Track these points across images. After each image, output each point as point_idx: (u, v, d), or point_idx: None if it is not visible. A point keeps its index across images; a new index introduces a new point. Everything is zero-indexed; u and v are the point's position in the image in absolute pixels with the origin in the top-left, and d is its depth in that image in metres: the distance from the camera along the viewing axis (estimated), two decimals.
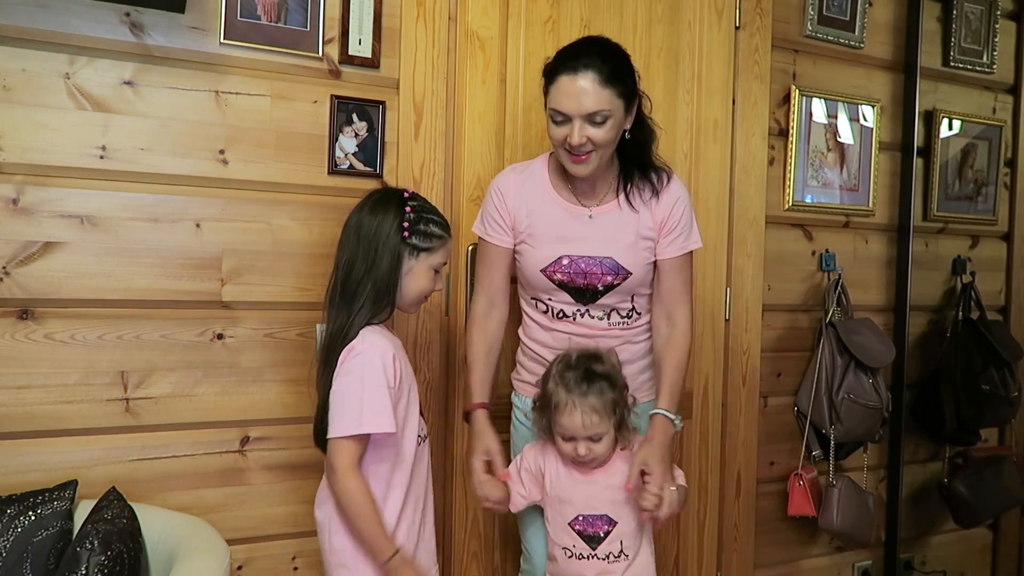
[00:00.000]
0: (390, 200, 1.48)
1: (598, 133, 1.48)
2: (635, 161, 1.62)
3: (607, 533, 1.55)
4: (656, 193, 1.61)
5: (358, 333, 1.41)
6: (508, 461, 1.66)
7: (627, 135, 1.57)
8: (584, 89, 1.46)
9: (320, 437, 1.45)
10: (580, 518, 1.55)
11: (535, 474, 1.60)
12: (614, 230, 1.59)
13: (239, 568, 1.73)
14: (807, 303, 2.39)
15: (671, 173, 1.65)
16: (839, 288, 2.35)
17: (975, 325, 2.52)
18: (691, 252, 1.65)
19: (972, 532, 2.69)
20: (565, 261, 1.59)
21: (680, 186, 1.65)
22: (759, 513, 2.32)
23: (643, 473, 1.50)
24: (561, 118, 1.49)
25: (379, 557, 1.38)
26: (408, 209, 1.46)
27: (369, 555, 1.40)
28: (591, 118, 1.47)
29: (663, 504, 1.48)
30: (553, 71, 1.51)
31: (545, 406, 1.54)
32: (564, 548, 1.57)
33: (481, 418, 1.62)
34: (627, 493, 1.53)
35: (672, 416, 1.56)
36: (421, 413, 1.52)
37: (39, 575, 1.37)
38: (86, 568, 1.24)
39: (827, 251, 2.40)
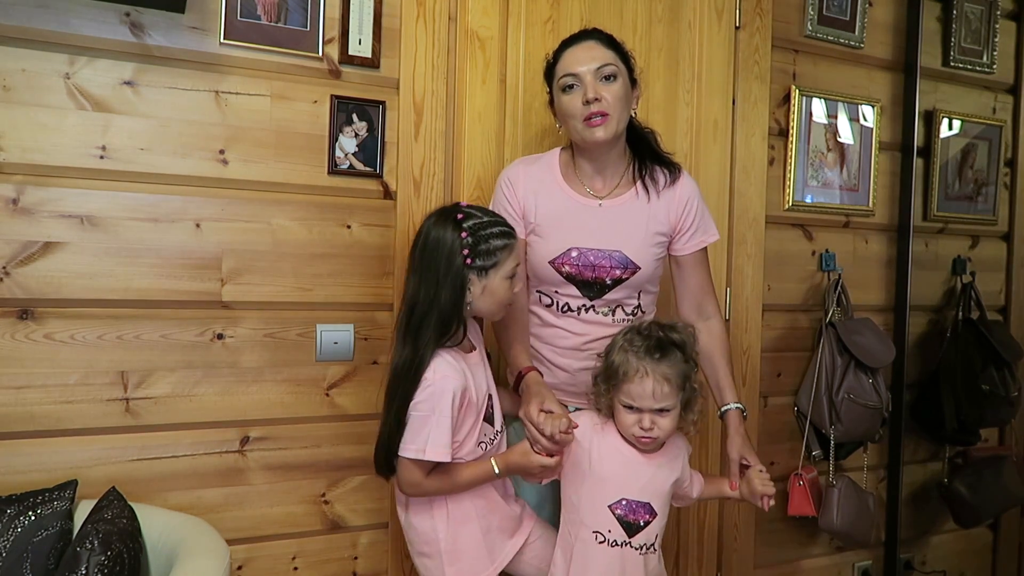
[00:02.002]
0: (446, 224, 1.44)
1: (609, 91, 1.52)
2: (646, 151, 1.65)
3: (646, 523, 1.50)
4: (669, 182, 1.64)
5: (428, 364, 1.42)
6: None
7: (635, 113, 1.61)
8: (590, 48, 1.55)
9: (381, 463, 1.49)
10: (623, 501, 1.49)
11: (578, 442, 1.50)
12: (624, 222, 1.60)
13: (239, 568, 1.73)
14: (807, 303, 2.39)
15: (680, 167, 1.67)
16: (839, 288, 2.35)
17: (975, 325, 2.52)
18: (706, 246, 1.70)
19: (972, 532, 2.69)
20: (574, 253, 1.59)
21: (691, 181, 1.68)
22: (759, 513, 2.32)
23: (743, 467, 1.60)
24: (572, 81, 1.54)
25: (491, 478, 1.49)
26: (464, 234, 1.42)
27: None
28: (601, 72, 1.53)
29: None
30: (556, 53, 1.60)
31: (610, 376, 1.47)
32: (596, 532, 1.48)
33: (536, 377, 1.57)
34: (671, 488, 1.54)
35: (742, 407, 1.66)
36: (489, 420, 1.53)
37: (39, 575, 1.37)
38: (86, 568, 1.24)
39: (827, 251, 2.40)
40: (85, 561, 1.25)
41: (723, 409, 1.66)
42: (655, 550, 1.53)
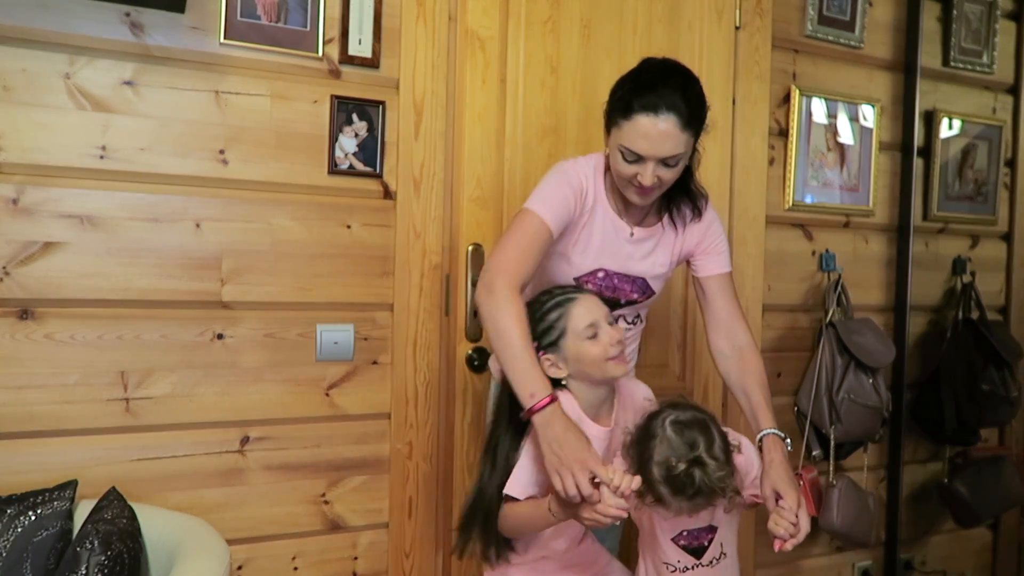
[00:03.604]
0: None
1: (668, 174, 1.44)
2: (680, 184, 1.56)
3: (710, 541, 1.49)
4: (696, 214, 1.61)
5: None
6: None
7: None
8: (665, 133, 1.38)
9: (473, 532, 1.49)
10: (684, 533, 1.47)
11: None
12: (652, 254, 1.61)
13: (239, 568, 1.73)
14: (807, 303, 2.39)
15: (707, 197, 1.65)
16: (839, 288, 2.35)
17: (975, 325, 2.52)
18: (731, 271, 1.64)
19: (972, 532, 2.69)
20: (601, 274, 1.59)
21: (714, 211, 1.66)
22: (759, 513, 2.31)
23: (777, 498, 1.39)
24: (634, 158, 1.42)
25: (547, 518, 1.38)
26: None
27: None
28: (665, 161, 1.42)
29: (800, 530, 1.37)
30: (629, 106, 1.40)
31: (644, 479, 1.33)
32: (667, 564, 1.49)
33: (564, 416, 1.33)
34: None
35: (782, 435, 1.48)
36: None
37: (39, 575, 1.37)
38: (86, 568, 1.24)
39: (827, 251, 2.40)
40: (85, 561, 1.25)
41: (759, 437, 1.50)
42: (725, 555, 1.51)
